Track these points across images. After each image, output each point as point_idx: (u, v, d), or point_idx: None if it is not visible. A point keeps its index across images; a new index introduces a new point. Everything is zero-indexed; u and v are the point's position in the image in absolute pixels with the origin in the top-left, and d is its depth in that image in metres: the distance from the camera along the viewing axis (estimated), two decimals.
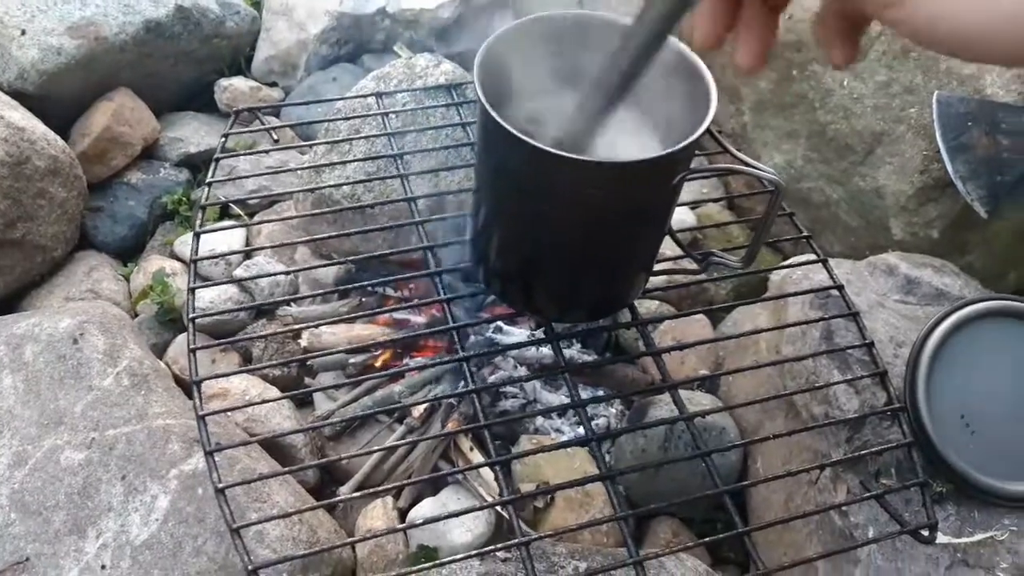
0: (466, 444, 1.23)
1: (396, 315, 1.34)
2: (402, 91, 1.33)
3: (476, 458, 1.20)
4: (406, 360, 1.33)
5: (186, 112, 1.84)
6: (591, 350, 1.39)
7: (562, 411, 1.28)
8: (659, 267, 0.87)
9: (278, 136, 1.10)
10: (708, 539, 0.95)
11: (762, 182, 0.68)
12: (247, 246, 1.55)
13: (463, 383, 1.00)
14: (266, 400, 1.21)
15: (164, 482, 1.03)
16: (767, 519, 1.09)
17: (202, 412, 0.79)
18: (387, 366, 1.31)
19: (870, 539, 0.93)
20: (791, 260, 1.12)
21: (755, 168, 0.67)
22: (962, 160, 1.23)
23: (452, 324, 0.89)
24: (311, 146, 1.45)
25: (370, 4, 1.89)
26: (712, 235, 1.50)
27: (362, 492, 1.11)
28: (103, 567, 0.97)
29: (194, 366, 0.83)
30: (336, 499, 1.19)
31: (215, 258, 1.43)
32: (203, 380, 0.83)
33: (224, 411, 1.18)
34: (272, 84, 1.93)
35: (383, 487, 1.17)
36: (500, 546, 0.78)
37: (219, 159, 1.03)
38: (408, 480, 1.19)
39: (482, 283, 0.86)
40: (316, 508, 1.11)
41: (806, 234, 1.02)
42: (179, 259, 1.56)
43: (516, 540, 0.75)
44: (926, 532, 0.81)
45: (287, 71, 1.92)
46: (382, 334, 1.34)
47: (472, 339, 1.29)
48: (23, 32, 1.56)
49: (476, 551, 0.80)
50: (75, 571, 0.97)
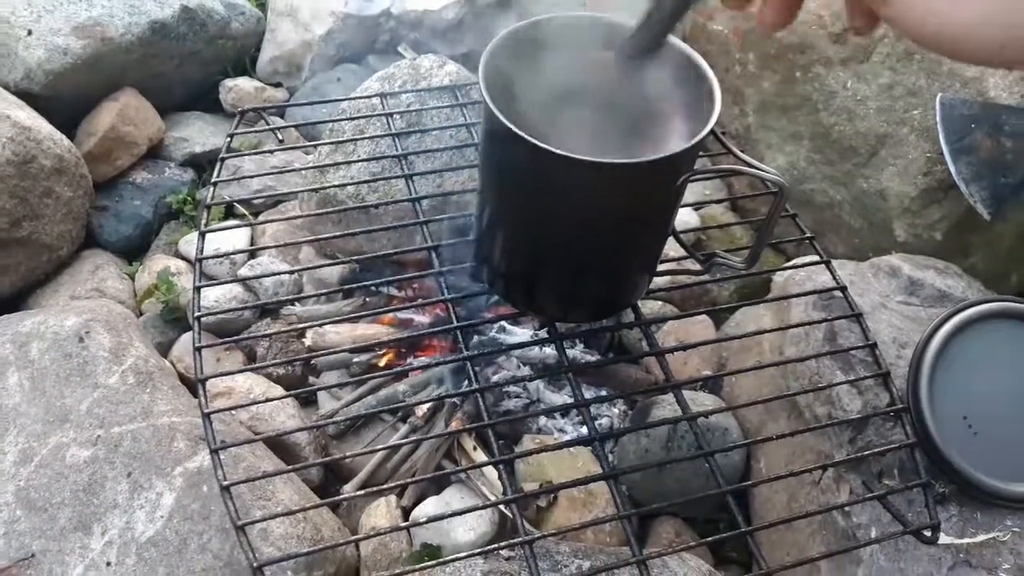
0: (469, 443, 1.23)
1: (400, 315, 1.34)
2: (406, 92, 1.34)
3: (479, 457, 1.20)
4: (410, 359, 1.33)
5: (191, 112, 1.85)
6: (594, 350, 1.39)
7: (565, 411, 1.28)
8: (662, 267, 0.87)
9: (283, 136, 1.11)
10: (711, 539, 0.96)
11: (765, 183, 0.68)
12: (252, 245, 1.55)
13: (467, 382, 1.00)
14: (270, 398, 1.22)
15: (169, 479, 1.04)
16: (770, 519, 1.09)
17: (207, 410, 0.80)
18: (391, 365, 1.32)
19: (873, 539, 0.93)
20: (794, 261, 1.12)
21: (758, 169, 0.67)
22: (965, 162, 1.23)
23: (456, 324, 0.90)
24: (316, 146, 1.45)
25: (375, 5, 1.89)
26: (715, 236, 1.51)
27: (366, 490, 1.12)
28: (108, 564, 0.97)
29: (199, 364, 0.83)
30: (340, 497, 1.19)
31: (220, 257, 1.43)
32: (208, 378, 0.83)
33: (229, 409, 1.19)
34: (277, 85, 1.94)
35: (387, 486, 1.18)
36: (504, 544, 0.78)
37: (224, 159, 1.03)
38: (412, 479, 1.19)
39: (486, 283, 0.87)
40: (320, 506, 1.11)
41: (809, 235, 1.02)
42: (184, 258, 1.56)
43: (520, 539, 0.75)
44: (928, 533, 0.82)
45: (292, 72, 1.93)
46: (386, 333, 1.34)
47: (476, 339, 1.30)
48: (29, 32, 1.57)
49: (480, 550, 0.80)
50: (80, 567, 0.97)
